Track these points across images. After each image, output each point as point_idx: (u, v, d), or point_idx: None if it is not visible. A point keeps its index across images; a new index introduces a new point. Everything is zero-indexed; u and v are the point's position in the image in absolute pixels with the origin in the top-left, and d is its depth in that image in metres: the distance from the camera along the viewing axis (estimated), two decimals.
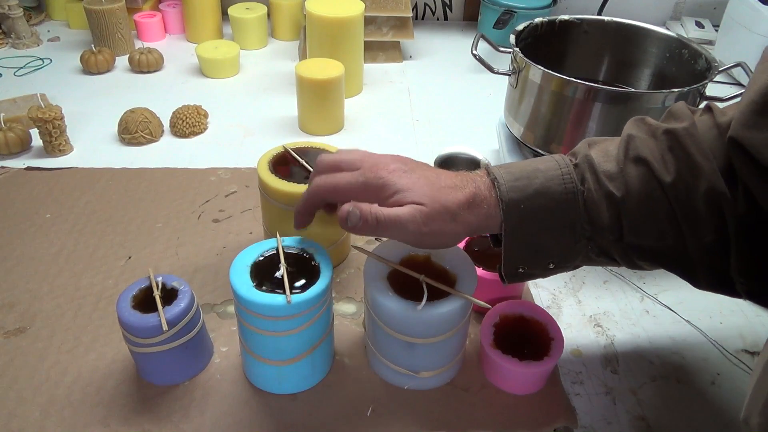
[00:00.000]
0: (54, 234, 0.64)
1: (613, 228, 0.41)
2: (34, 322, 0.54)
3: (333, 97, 0.83)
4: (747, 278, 0.39)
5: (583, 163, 0.42)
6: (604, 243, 0.42)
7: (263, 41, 1.12)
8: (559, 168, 0.42)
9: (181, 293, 0.47)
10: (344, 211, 0.41)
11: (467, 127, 0.90)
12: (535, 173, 0.42)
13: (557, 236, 0.42)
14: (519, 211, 0.41)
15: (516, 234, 0.42)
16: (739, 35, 1.02)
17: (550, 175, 0.41)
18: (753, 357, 0.54)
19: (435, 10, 1.27)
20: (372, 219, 0.40)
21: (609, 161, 0.42)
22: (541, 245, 0.42)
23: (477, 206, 0.41)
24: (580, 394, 0.50)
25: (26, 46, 1.07)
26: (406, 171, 0.42)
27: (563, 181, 0.41)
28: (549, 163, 0.43)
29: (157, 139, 0.82)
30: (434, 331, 0.45)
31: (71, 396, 0.48)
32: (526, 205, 0.41)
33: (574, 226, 0.41)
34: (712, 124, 0.40)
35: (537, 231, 0.41)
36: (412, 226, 0.40)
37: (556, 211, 0.41)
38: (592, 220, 0.41)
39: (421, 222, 0.40)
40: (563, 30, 0.75)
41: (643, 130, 0.43)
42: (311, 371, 0.49)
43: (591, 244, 0.42)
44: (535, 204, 0.41)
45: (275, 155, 0.58)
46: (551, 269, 0.44)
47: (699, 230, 0.39)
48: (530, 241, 0.42)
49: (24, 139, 0.77)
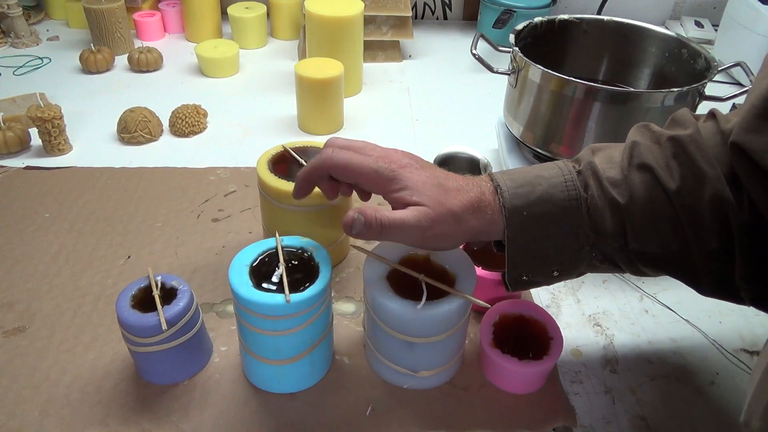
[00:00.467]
0: (53, 233, 0.64)
1: (616, 235, 0.41)
2: (33, 321, 0.54)
3: (332, 96, 0.83)
4: (752, 285, 0.39)
5: (586, 170, 0.42)
6: (608, 250, 0.42)
7: (263, 40, 1.12)
8: (563, 175, 0.42)
9: (181, 292, 0.47)
10: (349, 217, 0.41)
11: (467, 126, 0.90)
12: (538, 180, 0.42)
13: (561, 243, 0.41)
14: (522, 218, 0.41)
15: (519, 241, 0.41)
16: (738, 35, 1.02)
17: (554, 182, 0.41)
18: (752, 357, 0.54)
19: (434, 9, 1.27)
20: (377, 224, 0.40)
21: (613, 168, 0.42)
22: (545, 252, 0.42)
23: (481, 211, 0.41)
24: (579, 394, 0.50)
25: (25, 45, 1.07)
26: (417, 169, 0.42)
27: (566, 188, 0.41)
28: (552, 170, 0.42)
29: (156, 138, 0.82)
30: (433, 331, 0.45)
31: (70, 395, 0.48)
32: (529, 212, 0.41)
33: (577, 233, 0.41)
34: (716, 130, 0.40)
35: (540, 238, 0.41)
36: (416, 231, 0.40)
37: (560, 218, 0.41)
38: (595, 227, 0.41)
39: (426, 226, 0.40)
40: (563, 29, 0.75)
41: (648, 136, 0.42)
42: (311, 370, 0.49)
43: (595, 251, 0.42)
44: (538, 211, 0.41)
45: (275, 155, 0.58)
46: (555, 276, 0.43)
47: (704, 237, 0.39)
48: (533, 249, 0.42)
49: (23, 139, 0.77)
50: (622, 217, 0.40)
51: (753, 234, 0.38)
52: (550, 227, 0.41)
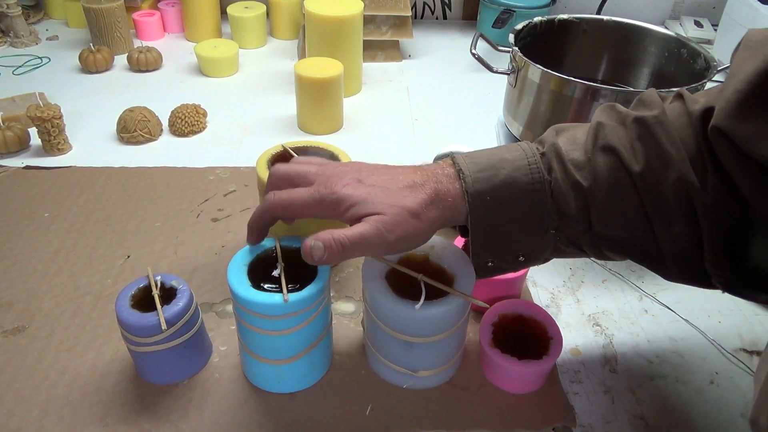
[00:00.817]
0: (53, 233, 0.64)
1: (581, 218, 0.40)
2: (32, 321, 0.54)
3: (332, 96, 0.83)
4: (721, 270, 0.38)
5: (550, 152, 0.41)
6: (573, 233, 0.41)
7: (262, 40, 1.12)
8: (526, 158, 0.41)
9: (180, 292, 0.47)
10: (307, 246, 0.40)
11: (466, 126, 0.90)
12: (502, 163, 0.41)
13: (525, 228, 0.41)
14: (485, 203, 0.40)
15: (482, 226, 0.41)
16: (738, 34, 1.02)
17: (517, 165, 0.41)
18: (751, 356, 0.54)
19: (434, 9, 1.27)
20: (337, 246, 0.39)
21: (577, 149, 0.41)
22: (509, 238, 0.41)
23: (441, 201, 0.40)
24: (578, 393, 0.50)
25: (25, 44, 1.07)
26: (359, 181, 0.41)
27: (530, 171, 0.40)
28: (515, 152, 0.42)
29: (155, 138, 0.82)
30: (433, 331, 0.45)
31: (70, 395, 0.48)
32: (492, 197, 0.40)
33: (542, 217, 0.40)
34: (683, 111, 0.39)
35: (504, 222, 0.41)
36: (377, 240, 0.39)
37: (523, 203, 0.40)
38: (559, 210, 0.40)
39: (386, 231, 0.39)
40: (562, 29, 0.75)
41: (613, 117, 0.42)
42: (310, 370, 0.49)
43: (560, 235, 0.41)
44: (502, 195, 0.40)
45: (274, 154, 0.58)
46: (521, 262, 0.43)
47: (668, 221, 0.38)
48: (498, 234, 0.41)
49: (22, 138, 0.77)
50: (585, 200, 0.40)
51: (720, 219, 0.37)
52: (514, 212, 0.40)
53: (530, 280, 0.61)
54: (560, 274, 0.62)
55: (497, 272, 0.45)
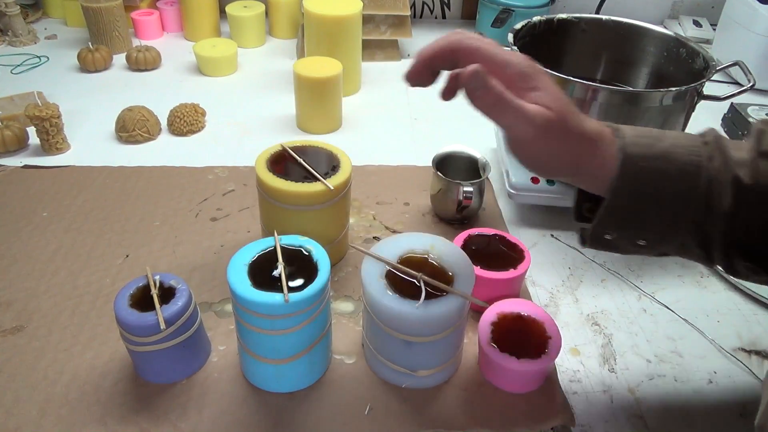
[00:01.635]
0: (51, 232, 0.64)
1: (729, 217, 0.37)
2: (31, 320, 0.54)
3: (331, 95, 0.82)
4: None
5: (713, 143, 0.39)
6: (712, 232, 0.38)
7: (261, 39, 1.12)
8: (688, 139, 0.39)
9: (179, 292, 0.47)
10: (472, 67, 0.35)
11: (465, 126, 0.90)
12: (663, 136, 0.39)
13: (666, 209, 0.38)
14: (636, 168, 0.37)
15: (624, 193, 0.38)
16: (736, 34, 1.03)
17: (678, 142, 0.38)
18: (750, 355, 0.54)
19: (433, 8, 1.27)
20: (497, 90, 0.36)
21: (740, 149, 0.39)
22: (644, 217, 0.39)
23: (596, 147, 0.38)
24: (577, 393, 0.50)
25: (23, 43, 1.07)
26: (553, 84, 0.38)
27: (690, 152, 0.38)
28: (678, 134, 0.40)
29: (154, 137, 0.82)
30: (432, 330, 0.45)
31: (69, 395, 0.48)
32: (645, 165, 0.37)
33: (688, 203, 0.38)
34: None
35: (648, 195, 0.38)
36: (528, 127, 0.36)
37: (676, 180, 0.37)
38: (708, 203, 0.38)
39: (542, 128, 0.36)
40: (561, 29, 0.75)
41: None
42: (309, 370, 0.49)
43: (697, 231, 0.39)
44: (655, 167, 0.37)
45: (273, 153, 0.58)
46: (640, 246, 0.40)
47: None
48: (634, 208, 0.38)
49: (21, 137, 0.77)
50: (742, 199, 0.37)
51: None
52: (663, 188, 0.38)
53: (529, 279, 0.61)
54: (559, 273, 0.62)
55: (609, 248, 0.42)
